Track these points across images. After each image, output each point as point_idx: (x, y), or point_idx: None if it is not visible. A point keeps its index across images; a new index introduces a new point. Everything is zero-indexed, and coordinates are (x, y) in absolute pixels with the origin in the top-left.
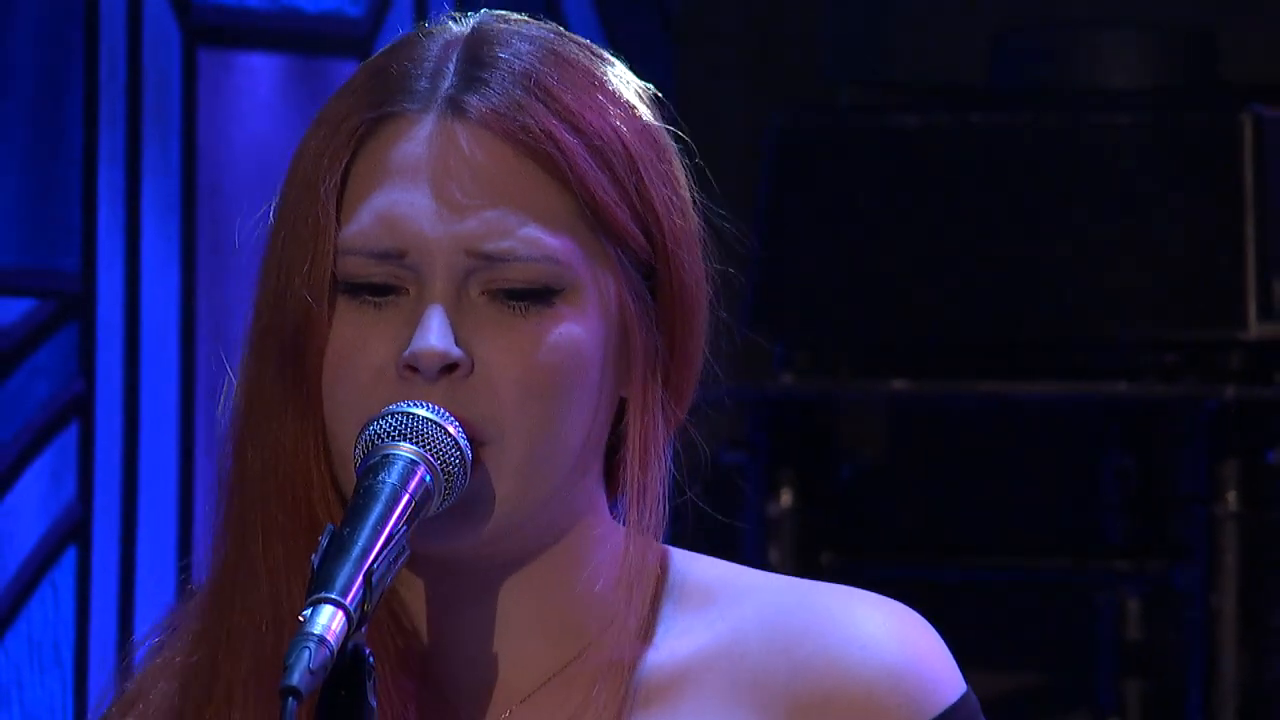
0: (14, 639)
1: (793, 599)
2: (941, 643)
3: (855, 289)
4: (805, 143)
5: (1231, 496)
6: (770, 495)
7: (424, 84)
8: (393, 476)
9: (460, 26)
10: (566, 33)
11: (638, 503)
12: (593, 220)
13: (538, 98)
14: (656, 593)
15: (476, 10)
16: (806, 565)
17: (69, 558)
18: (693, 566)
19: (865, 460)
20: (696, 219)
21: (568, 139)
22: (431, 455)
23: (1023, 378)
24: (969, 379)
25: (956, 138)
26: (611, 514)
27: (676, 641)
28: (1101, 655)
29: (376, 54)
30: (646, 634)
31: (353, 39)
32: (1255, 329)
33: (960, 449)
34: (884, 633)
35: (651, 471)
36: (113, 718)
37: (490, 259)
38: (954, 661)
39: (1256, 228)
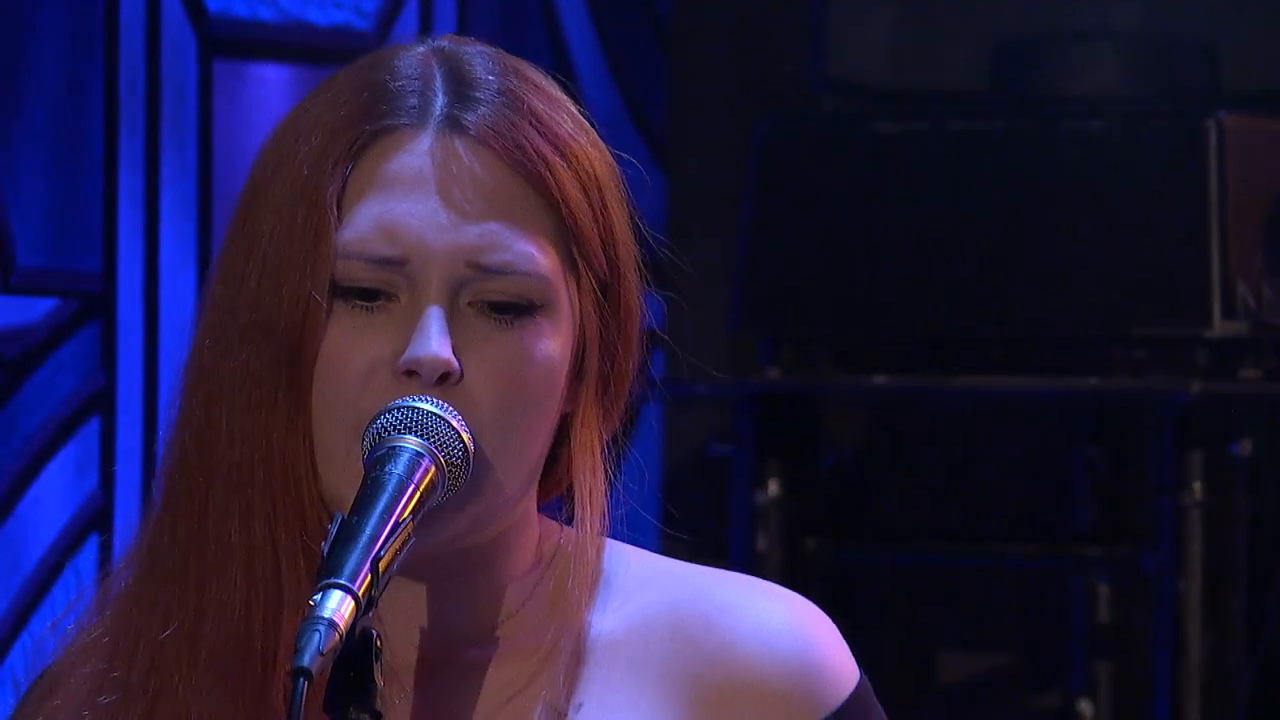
0: (38, 624)
1: (694, 589)
2: (837, 632)
3: (838, 288)
4: (789, 146)
5: (1197, 486)
6: (757, 485)
7: (414, 100)
8: (399, 468)
9: (423, 47)
10: (519, 58)
11: (586, 507)
12: (570, 240)
13: (528, 120)
14: (593, 585)
15: (480, 25)
16: (792, 552)
17: (91, 546)
18: (620, 556)
19: (848, 451)
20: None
21: (557, 161)
22: (436, 447)
23: (998, 373)
24: (947, 374)
25: (934, 143)
26: (549, 515)
27: (594, 624)
28: (1073, 637)
29: (350, 68)
30: (576, 621)
31: (361, 51)
32: (1220, 327)
33: (938, 441)
34: (784, 628)
35: (599, 478)
36: (32, 704)
37: (487, 271)
38: (848, 650)
39: (1220, 230)
